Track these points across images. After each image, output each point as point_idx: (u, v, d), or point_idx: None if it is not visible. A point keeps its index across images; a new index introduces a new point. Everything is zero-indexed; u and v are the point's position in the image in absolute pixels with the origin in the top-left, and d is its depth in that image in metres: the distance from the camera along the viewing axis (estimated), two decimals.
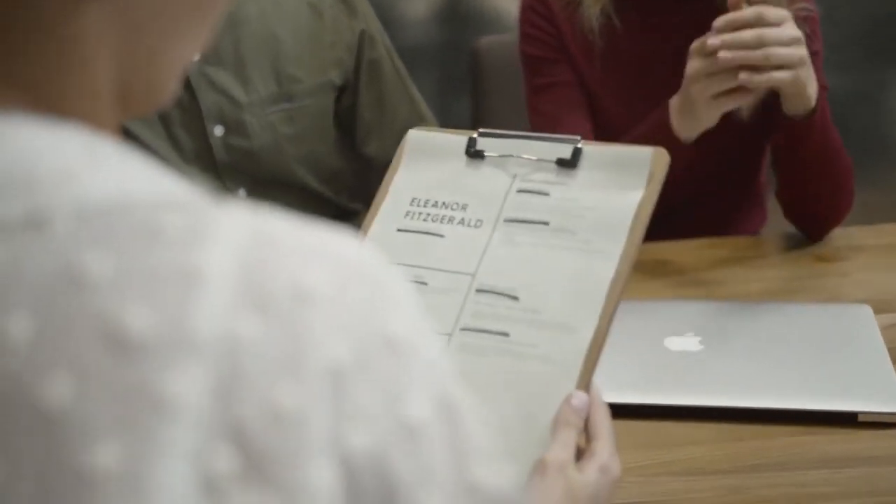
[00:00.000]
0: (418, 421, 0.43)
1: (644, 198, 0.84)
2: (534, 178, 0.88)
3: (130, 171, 0.44)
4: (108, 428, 0.38)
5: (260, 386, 0.40)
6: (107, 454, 0.38)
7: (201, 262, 0.41)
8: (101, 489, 0.38)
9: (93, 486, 0.38)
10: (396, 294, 0.45)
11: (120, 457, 0.38)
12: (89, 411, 0.38)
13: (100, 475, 0.38)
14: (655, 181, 0.84)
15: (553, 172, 0.88)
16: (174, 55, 0.50)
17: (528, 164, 0.89)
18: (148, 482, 0.38)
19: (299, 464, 0.40)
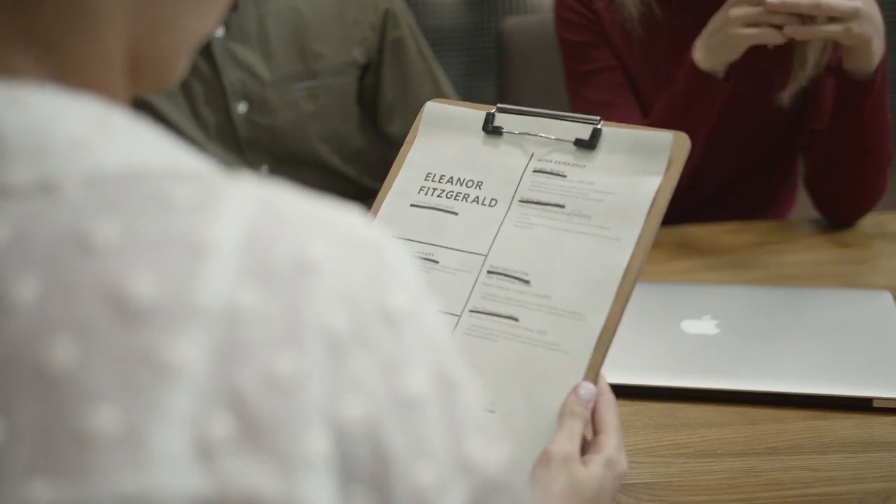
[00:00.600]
0: (415, 393, 0.44)
1: (662, 184, 0.82)
2: (551, 158, 0.87)
3: (142, 142, 0.45)
4: (109, 391, 0.39)
5: (258, 354, 0.40)
6: (107, 417, 0.39)
7: (207, 232, 0.42)
8: (99, 450, 0.38)
9: (92, 447, 0.38)
10: (398, 268, 0.46)
11: (119, 419, 0.39)
12: (91, 374, 0.39)
13: (99, 437, 0.38)
14: (675, 167, 0.83)
15: (571, 153, 0.87)
16: (185, 30, 0.50)
17: (546, 143, 0.88)
18: (145, 445, 0.39)
19: (294, 431, 0.40)
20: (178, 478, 0.39)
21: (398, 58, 1.68)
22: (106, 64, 0.47)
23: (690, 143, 0.84)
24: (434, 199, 0.89)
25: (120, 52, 0.48)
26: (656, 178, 0.83)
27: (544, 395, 0.78)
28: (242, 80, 1.59)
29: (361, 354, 0.42)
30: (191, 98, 1.59)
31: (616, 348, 1.10)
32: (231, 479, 0.39)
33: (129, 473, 0.38)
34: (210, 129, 1.60)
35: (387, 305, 0.44)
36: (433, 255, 0.87)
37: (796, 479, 0.95)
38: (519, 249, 0.84)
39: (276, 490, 0.40)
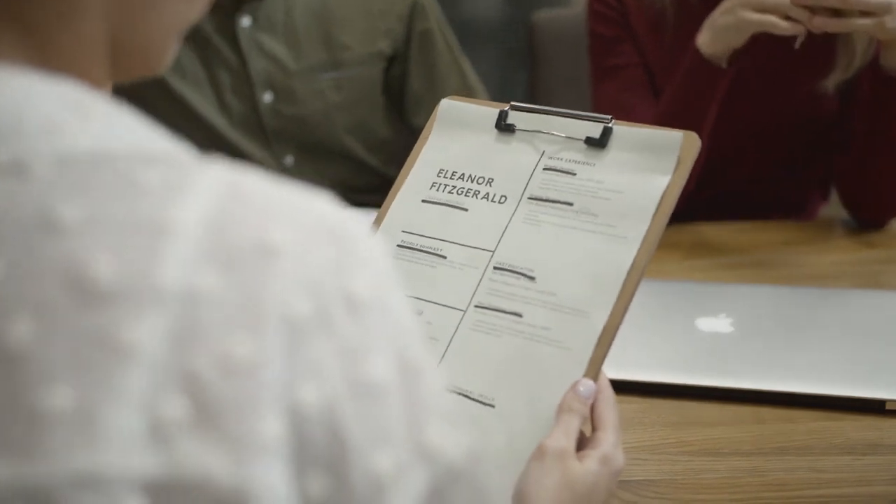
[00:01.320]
0: (375, 380, 0.44)
1: (670, 184, 0.82)
2: (561, 156, 0.87)
3: (117, 126, 0.45)
4: (65, 370, 0.39)
5: (215, 337, 0.41)
6: (61, 395, 0.39)
7: (173, 216, 0.42)
8: (53, 428, 0.39)
9: (45, 425, 0.39)
10: (364, 254, 0.46)
11: (74, 399, 0.39)
12: (48, 353, 0.40)
13: (53, 415, 0.39)
14: (684, 166, 0.83)
15: (581, 151, 0.87)
16: (169, 16, 0.51)
17: (557, 141, 0.88)
18: (99, 424, 0.39)
19: (248, 414, 0.41)
20: (130, 458, 0.39)
21: (425, 50, 1.68)
22: (86, 48, 0.48)
23: (700, 142, 0.83)
24: (445, 195, 0.90)
25: (101, 37, 0.48)
26: (665, 177, 0.83)
27: (545, 391, 0.78)
28: (268, 69, 1.60)
29: (322, 340, 0.43)
30: (217, 87, 1.60)
31: (628, 344, 1.11)
32: (184, 460, 0.40)
33: (82, 452, 0.39)
34: (235, 119, 1.62)
35: (350, 291, 0.44)
36: (441, 250, 0.87)
37: (801, 480, 0.94)
38: (526, 246, 0.84)
39: (228, 473, 0.40)
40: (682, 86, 1.46)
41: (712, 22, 1.40)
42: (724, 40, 1.39)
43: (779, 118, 1.55)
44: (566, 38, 1.96)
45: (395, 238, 0.89)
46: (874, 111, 1.45)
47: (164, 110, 1.60)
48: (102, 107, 0.46)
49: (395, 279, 0.47)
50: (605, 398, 0.78)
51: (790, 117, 1.56)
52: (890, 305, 1.22)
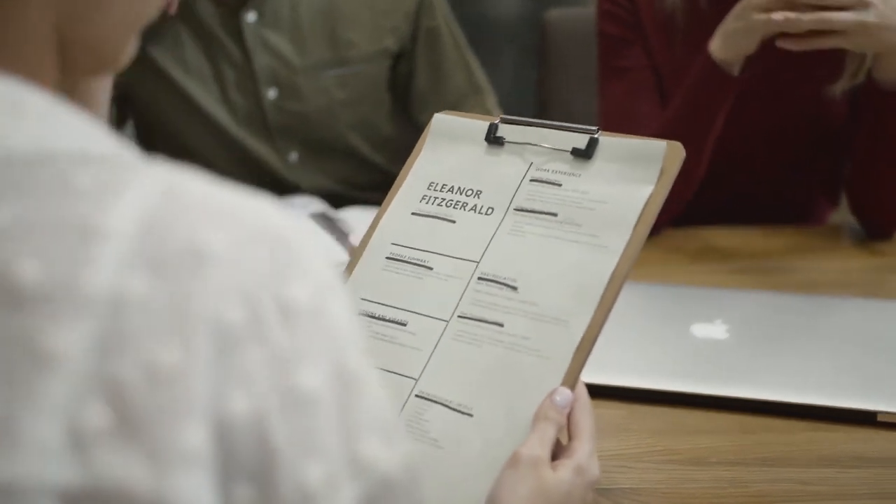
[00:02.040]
0: (308, 390, 0.43)
1: (653, 193, 0.82)
2: (548, 167, 0.88)
3: (56, 127, 0.45)
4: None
5: (141, 344, 0.40)
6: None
7: (103, 219, 0.41)
8: None
9: None
10: (303, 260, 0.45)
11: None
12: None
13: None
14: (667, 176, 0.83)
15: (568, 162, 0.87)
16: (120, 11, 0.50)
17: (545, 152, 0.89)
18: (17, 433, 0.38)
19: (171, 425, 0.40)
20: (48, 467, 0.38)
21: (432, 47, 1.67)
22: (29, 43, 0.47)
23: (684, 152, 0.83)
24: (435, 207, 0.91)
25: (48, 31, 0.47)
26: (648, 187, 0.83)
27: (523, 400, 0.78)
28: (273, 65, 1.59)
29: (254, 348, 0.42)
30: (221, 83, 1.60)
31: (619, 349, 1.10)
32: (102, 471, 0.39)
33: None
34: (240, 115, 1.61)
35: (286, 298, 0.43)
36: (428, 261, 0.88)
37: (784, 491, 0.93)
38: (510, 257, 0.85)
39: (148, 484, 0.39)
40: (691, 91, 1.44)
41: (724, 27, 1.39)
42: (735, 45, 1.38)
43: (787, 123, 1.54)
44: (579, 37, 1.95)
45: (386, 250, 0.90)
46: (870, 123, 1.44)
47: (169, 106, 1.61)
48: (42, 106, 0.45)
49: (338, 287, 0.46)
50: (581, 407, 0.78)
51: (798, 122, 1.54)
52: (889, 315, 1.20)
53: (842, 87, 1.45)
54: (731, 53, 1.39)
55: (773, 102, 1.52)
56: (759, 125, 1.54)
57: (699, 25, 1.50)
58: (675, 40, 1.53)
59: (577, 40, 1.94)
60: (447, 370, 0.82)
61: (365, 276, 0.90)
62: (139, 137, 1.70)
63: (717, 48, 1.40)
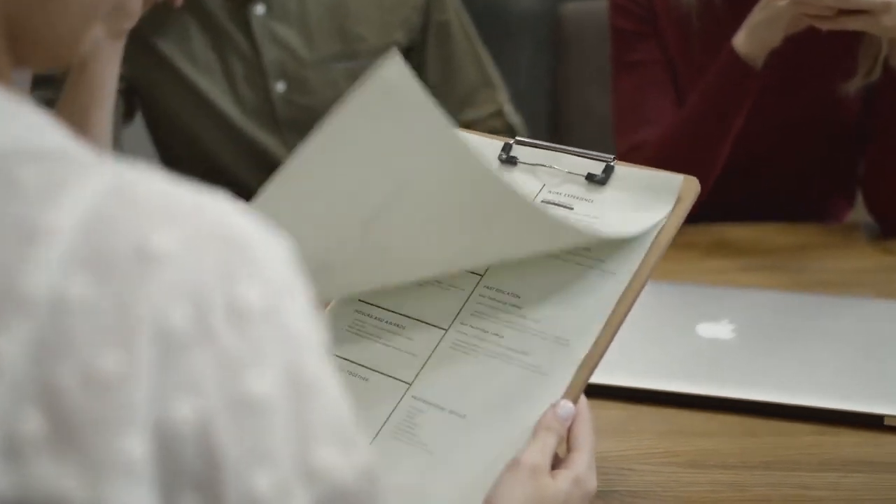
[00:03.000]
0: (257, 395, 0.41)
1: (666, 225, 0.82)
2: (561, 189, 0.88)
3: (6, 121, 0.43)
4: None
5: (80, 349, 0.38)
6: None
7: (47, 218, 0.40)
8: None
9: None
10: (258, 260, 0.43)
11: None
12: None
13: None
14: (681, 208, 0.82)
15: (581, 186, 0.87)
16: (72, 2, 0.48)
17: (559, 175, 0.88)
18: None
19: (108, 434, 0.38)
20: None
21: (443, 41, 1.66)
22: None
23: (699, 186, 0.83)
24: None
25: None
26: (661, 217, 0.82)
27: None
28: (282, 59, 1.58)
29: (200, 352, 0.40)
30: (230, 76, 1.59)
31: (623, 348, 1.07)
32: (36, 481, 0.38)
33: None
34: (248, 108, 1.60)
35: (236, 300, 0.41)
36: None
37: (785, 496, 0.91)
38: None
39: (81, 496, 0.38)
40: (713, 86, 1.43)
41: (750, 21, 1.38)
42: (759, 37, 1.37)
43: (802, 119, 1.52)
44: (595, 31, 1.93)
45: None
46: (887, 112, 1.42)
47: (176, 99, 1.60)
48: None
49: (297, 287, 0.44)
50: (582, 421, 0.77)
51: (813, 119, 1.52)
52: None
53: (856, 86, 1.43)
54: (757, 46, 1.37)
55: (789, 99, 1.50)
56: (775, 122, 1.52)
57: (715, 24, 1.48)
58: (690, 38, 1.51)
59: (593, 34, 1.92)
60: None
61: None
62: (149, 130, 1.69)
63: (741, 42, 1.38)
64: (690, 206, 0.83)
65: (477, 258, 0.84)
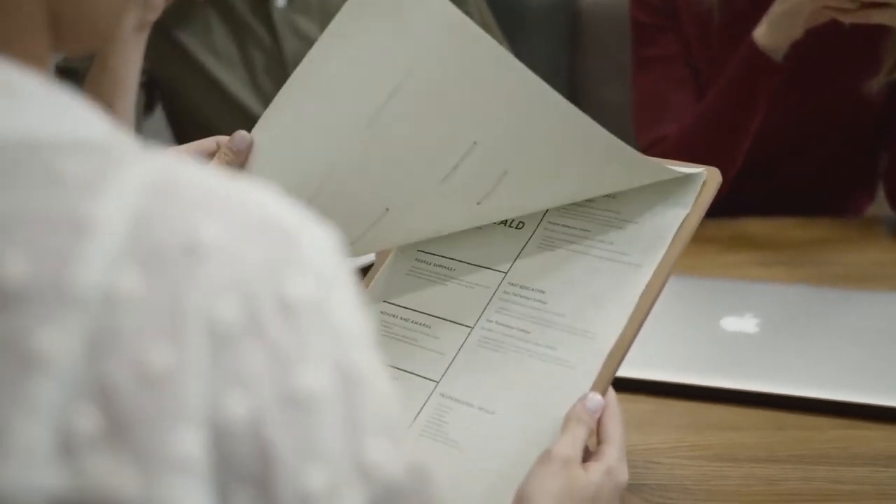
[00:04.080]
0: (309, 390, 0.41)
1: (688, 216, 0.82)
2: None
3: (46, 110, 0.43)
4: None
5: (132, 344, 0.38)
6: None
7: (93, 211, 0.39)
8: None
9: None
10: (305, 252, 0.43)
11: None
12: None
13: None
14: (703, 200, 0.82)
15: None
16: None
17: None
18: (5, 438, 0.37)
19: (163, 430, 0.38)
20: (36, 473, 0.37)
21: None
22: (20, 20, 0.45)
23: (721, 178, 0.83)
24: None
25: (40, 9, 0.45)
26: (683, 210, 0.82)
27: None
28: (303, 51, 1.57)
29: (251, 347, 0.40)
30: (250, 68, 1.59)
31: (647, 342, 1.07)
32: (91, 478, 0.37)
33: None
34: (269, 101, 1.60)
35: (285, 294, 0.41)
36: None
37: (817, 490, 0.91)
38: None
39: (137, 493, 0.38)
40: (734, 79, 1.43)
41: (771, 13, 1.38)
42: (781, 29, 1.37)
43: (822, 116, 1.52)
44: (613, 24, 1.93)
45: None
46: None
47: (197, 91, 1.60)
48: (33, 87, 0.43)
49: (344, 279, 0.44)
50: (611, 414, 0.77)
51: (834, 115, 1.52)
52: None
53: (879, 83, 1.43)
54: (778, 38, 1.37)
55: (810, 94, 1.50)
56: (795, 116, 1.52)
57: (735, 18, 1.48)
58: (710, 32, 1.51)
59: (611, 27, 1.92)
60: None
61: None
62: (169, 123, 1.69)
63: (762, 34, 1.38)
64: (712, 197, 0.83)
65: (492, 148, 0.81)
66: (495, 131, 0.79)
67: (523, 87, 0.75)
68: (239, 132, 0.84)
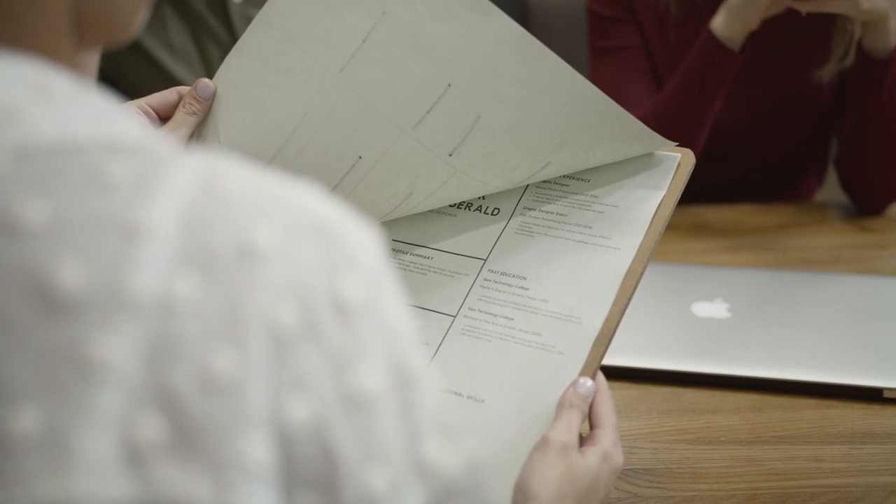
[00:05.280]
0: (367, 391, 0.41)
1: (665, 197, 0.83)
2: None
3: (83, 110, 0.42)
4: (30, 390, 0.36)
5: (194, 350, 0.38)
6: (28, 417, 0.36)
7: (145, 215, 0.39)
8: (18, 454, 0.36)
9: (11, 451, 0.36)
10: (355, 252, 0.42)
11: (41, 421, 0.36)
12: (11, 371, 0.36)
13: (19, 440, 0.36)
14: (679, 181, 0.84)
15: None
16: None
17: None
18: (69, 448, 0.36)
19: (231, 436, 0.38)
20: (103, 484, 0.36)
21: None
22: (49, 20, 0.44)
23: (694, 159, 0.84)
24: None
25: (64, 8, 0.45)
26: (659, 192, 0.83)
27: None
28: None
29: (310, 350, 0.39)
30: (207, 64, 1.57)
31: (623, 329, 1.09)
32: (160, 486, 0.37)
33: (50, 479, 0.36)
34: None
35: (339, 295, 0.41)
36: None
37: (800, 469, 0.93)
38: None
39: (209, 500, 0.37)
40: (692, 69, 1.44)
41: (728, 3, 1.39)
42: (739, 19, 1.38)
43: (777, 103, 1.54)
44: (563, 17, 1.94)
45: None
46: (859, 95, 1.45)
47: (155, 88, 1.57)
48: (65, 88, 0.42)
49: (390, 278, 0.44)
50: (603, 398, 0.78)
51: (788, 103, 1.55)
52: (888, 292, 1.20)
53: (830, 71, 1.46)
54: (735, 28, 1.39)
55: (764, 82, 1.53)
56: (751, 104, 1.54)
57: (692, 10, 1.50)
58: (667, 24, 1.52)
59: (561, 20, 1.93)
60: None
61: None
62: None
63: (720, 24, 1.40)
64: (687, 178, 0.84)
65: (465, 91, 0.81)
66: (469, 74, 0.79)
67: (497, 29, 0.76)
68: (202, 80, 0.82)
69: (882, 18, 1.34)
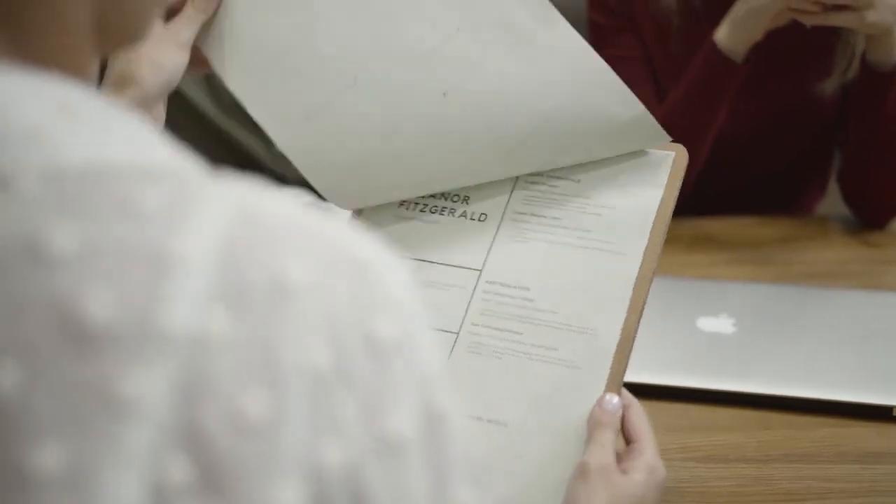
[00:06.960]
0: (399, 436, 0.39)
1: (664, 197, 0.81)
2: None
3: (113, 133, 0.40)
4: (55, 426, 0.35)
5: (226, 390, 0.36)
6: (52, 455, 0.35)
7: (178, 245, 0.37)
8: (41, 492, 0.35)
9: (33, 488, 0.35)
10: (388, 289, 0.41)
11: (65, 459, 0.35)
12: (36, 406, 0.35)
13: (42, 477, 0.35)
14: (675, 179, 0.81)
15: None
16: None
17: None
18: (94, 488, 0.35)
19: (262, 481, 0.36)
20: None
21: None
22: (73, 35, 0.43)
23: (688, 156, 0.82)
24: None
25: (87, 21, 0.43)
26: (657, 191, 0.81)
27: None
28: None
29: (344, 392, 0.38)
30: None
31: None
32: None
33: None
34: (225, 104, 1.58)
35: (373, 335, 0.39)
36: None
37: (810, 489, 0.92)
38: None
39: None
40: (695, 81, 1.44)
41: (732, 15, 1.39)
42: (743, 30, 1.38)
43: (780, 115, 1.54)
44: None
45: None
46: (863, 108, 1.45)
47: None
48: (91, 106, 0.41)
49: (423, 315, 0.42)
50: (634, 410, 0.76)
51: (791, 115, 1.54)
52: (893, 307, 1.19)
53: (833, 84, 1.46)
54: (739, 40, 1.38)
55: (767, 94, 1.52)
56: (753, 116, 1.53)
57: (693, 22, 1.49)
58: (669, 34, 1.52)
59: None
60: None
61: None
62: None
63: (724, 35, 1.39)
64: (683, 175, 0.81)
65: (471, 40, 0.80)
66: (479, 22, 0.78)
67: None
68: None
69: (887, 32, 1.34)
